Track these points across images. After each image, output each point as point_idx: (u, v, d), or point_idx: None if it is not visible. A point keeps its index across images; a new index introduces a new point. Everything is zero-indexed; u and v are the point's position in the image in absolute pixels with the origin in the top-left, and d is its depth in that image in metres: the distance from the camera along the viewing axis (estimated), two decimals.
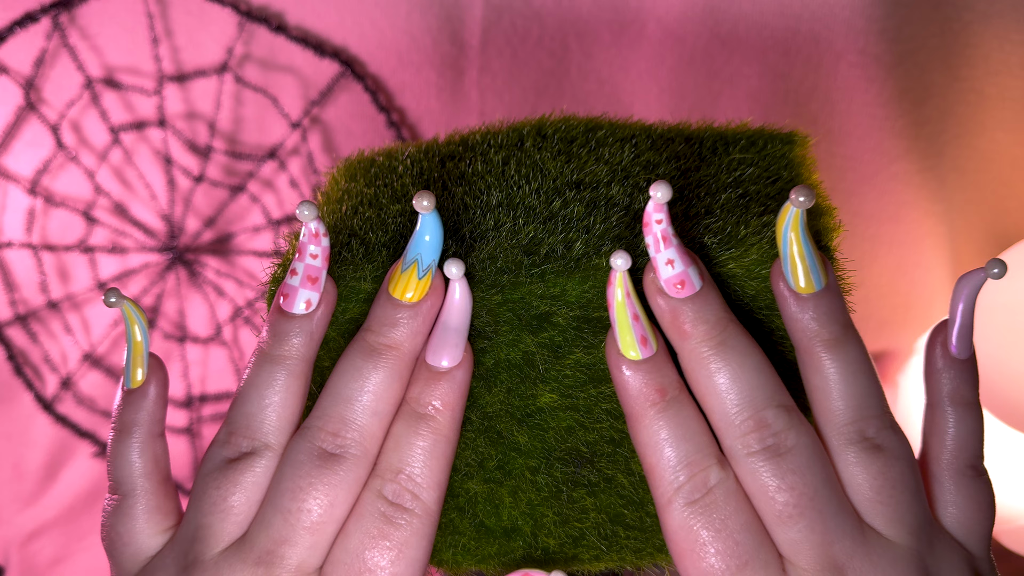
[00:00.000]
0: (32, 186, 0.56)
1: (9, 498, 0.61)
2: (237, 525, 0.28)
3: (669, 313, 0.28)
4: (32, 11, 0.52)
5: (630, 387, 0.29)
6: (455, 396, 0.29)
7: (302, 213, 0.28)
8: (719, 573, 0.27)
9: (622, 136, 0.35)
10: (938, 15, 0.52)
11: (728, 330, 0.28)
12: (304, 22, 0.53)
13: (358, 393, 0.28)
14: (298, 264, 0.29)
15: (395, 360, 0.29)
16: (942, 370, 0.30)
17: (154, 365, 0.31)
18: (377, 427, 0.29)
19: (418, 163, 0.35)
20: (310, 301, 0.29)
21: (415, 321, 0.29)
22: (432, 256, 0.29)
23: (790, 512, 0.27)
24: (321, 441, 0.28)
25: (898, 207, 0.56)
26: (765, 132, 0.35)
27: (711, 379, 0.28)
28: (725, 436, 0.28)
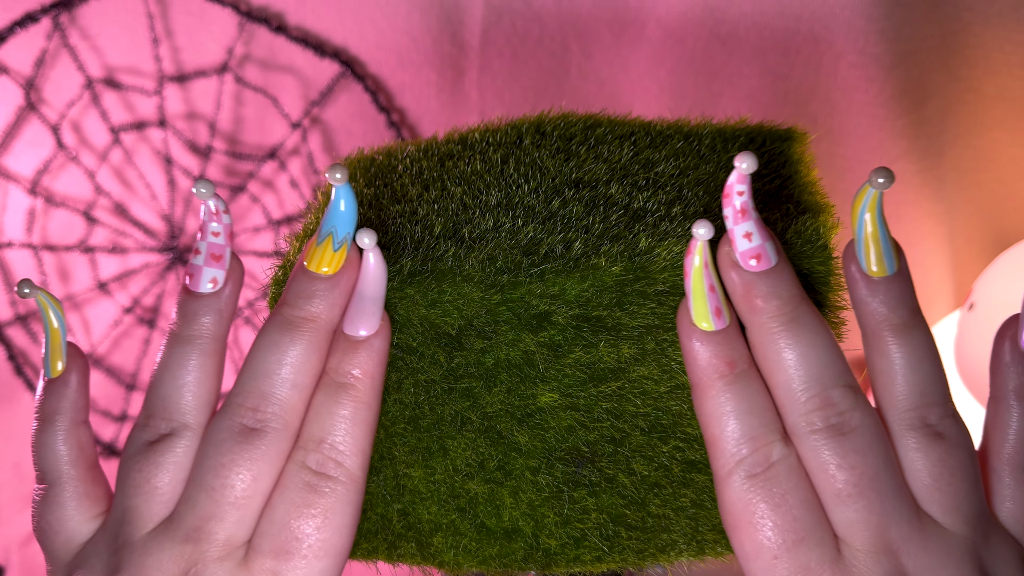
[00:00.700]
0: (32, 186, 0.56)
1: (10, 498, 0.61)
2: (163, 505, 0.29)
3: (742, 287, 0.28)
4: (32, 11, 0.52)
5: (700, 358, 0.29)
6: (374, 364, 0.29)
7: (199, 191, 0.28)
8: (774, 547, 0.27)
9: (621, 133, 0.35)
10: (938, 15, 0.52)
11: (800, 307, 0.28)
12: (304, 22, 0.53)
13: (276, 367, 0.29)
14: (201, 243, 0.29)
15: (313, 332, 0.29)
16: (1009, 364, 0.29)
17: (73, 353, 0.31)
18: (297, 400, 0.29)
19: (417, 162, 0.35)
20: (216, 279, 0.29)
21: (332, 293, 0.29)
22: (347, 229, 0.29)
23: (849, 492, 0.27)
24: (241, 417, 0.28)
25: (898, 207, 0.56)
26: (764, 129, 0.35)
27: (780, 355, 0.28)
28: (789, 413, 0.28)
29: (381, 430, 0.32)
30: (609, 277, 0.29)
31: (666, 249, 0.29)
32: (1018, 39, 0.53)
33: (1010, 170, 0.56)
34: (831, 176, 0.56)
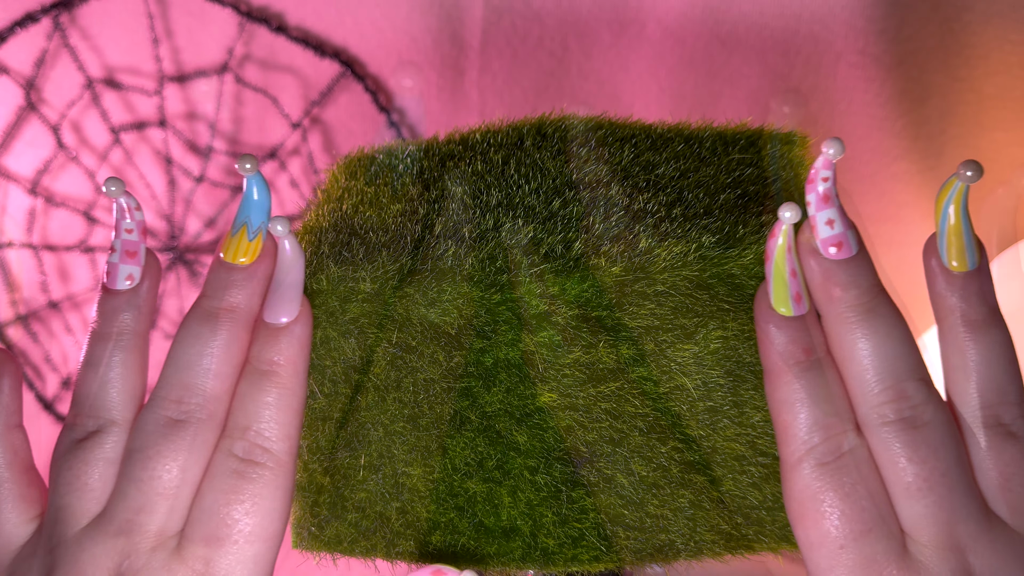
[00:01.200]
0: (33, 186, 0.56)
1: None
2: (95, 502, 0.29)
3: (821, 274, 0.28)
4: (33, 11, 0.52)
5: (776, 343, 0.28)
6: (295, 350, 0.29)
7: (109, 190, 0.29)
8: (839, 537, 0.27)
9: (622, 136, 0.35)
10: (938, 15, 0.52)
11: (878, 298, 0.28)
12: (304, 22, 0.53)
13: (198, 358, 0.29)
14: (115, 241, 0.30)
15: (233, 322, 0.29)
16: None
17: (3, 359, 0.31)
18: (220, 390, 0.29)
19: (418, 162, 0.35)
20: (132, 275, 0.30)
21: (250, 283, 0.29)
22: (261, 218, 0.29)
23: (919, 486, 0.27)
24: (166, 409, 0.29)
25: (898, 207, 0.56)
26: (764, 132, 0.35)
27: (855, 345, 0.28)
28: (862, 404, 0.28)
29: (380, 428, 0.32)
30: (609, 277, 0.29)
31: (666, 250, 0.29)
32: (1018, 39, 0.53)
33: (1010, 170, 0.56)
34: None
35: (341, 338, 0.31)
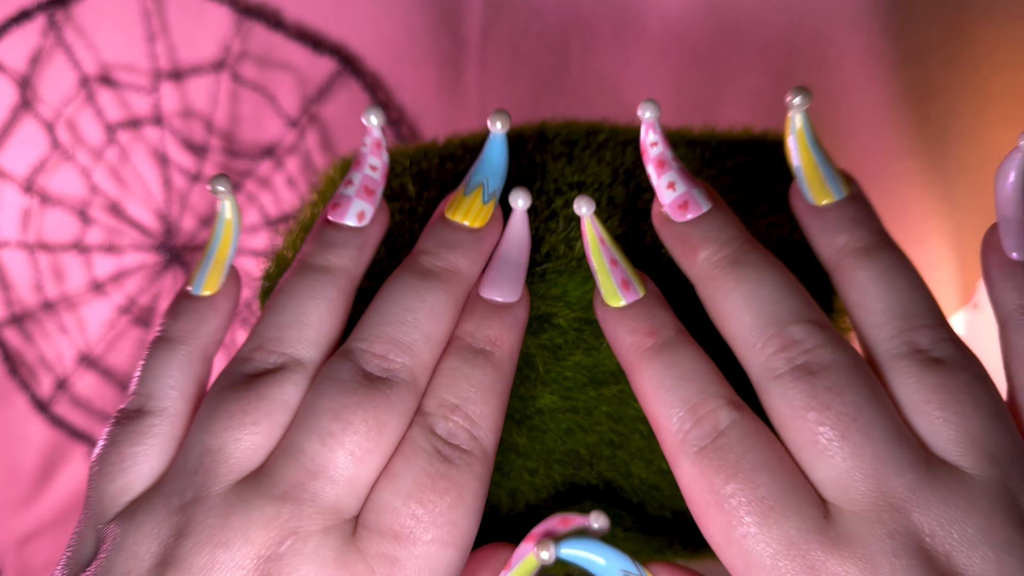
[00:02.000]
0: (27, 185, 0.55)
1: (5, 500, 0.60)
2: (255, 452, 0.23)
3: (678, 240, 0.26)
4: (27, 8, 0.51)
5: (620, 337, 0.26)
6: (514, 335, 0.26)
7: (369, 120, 0.26)
8: (742, 525, 0.22)
9: (624, 139, 0.35)
10: (943, 12, 0.52)
11: (743, 247, 0.25)
12: (302, 19, 0.53)
13: (412, 313, 0.25)
14: (355, 174, 0.27)
15: (453, 284, 0.26)
16: (1002, 280, 0.25)
17: (233, 278, 0.27)
18: (429, 355, 0.25)
19: (416, 163, 0.34)
20: (363, 213, 0.26)
21: (476, 247, 0.26)
22: (497, 183, 0.27)
23: (829, 437, 0.22)
24: (366, 363, 0.24)
25: (903, 205, 0.56)
26: (768, 137, 0.35)
27: (726, 299, 0.24)
28: (749, 364, 0.24)
29: None
30: None
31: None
32: (1023, 36, 0.52)
33: None
34: None
35: None
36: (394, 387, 0.24)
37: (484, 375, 0.25)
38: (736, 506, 0.22)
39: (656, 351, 0.25)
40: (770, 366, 0.23)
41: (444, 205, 0.27)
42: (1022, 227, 0.25)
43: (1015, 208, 0.25)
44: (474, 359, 0.25)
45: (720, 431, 0.23)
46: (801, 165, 0.25)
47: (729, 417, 0.24)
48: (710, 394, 0.24)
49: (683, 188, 0.26)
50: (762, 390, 0.24)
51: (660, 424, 0.24)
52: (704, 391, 0.24)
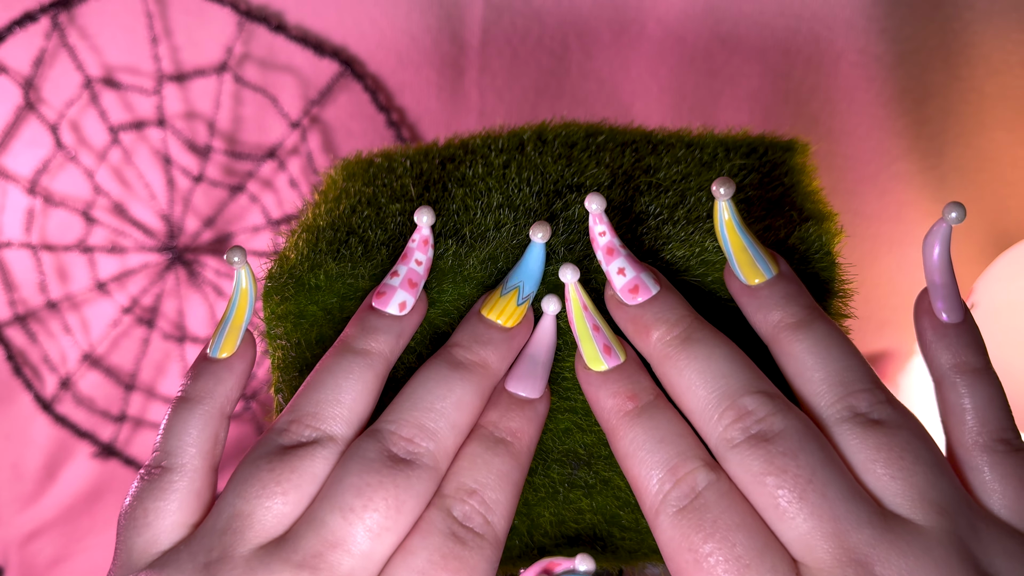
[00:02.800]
0: (31, 186, 0.56)
1: (8, 498, 0.61)
2: (282, 519, 0.25)
3: (631, 321, 0.28)
4: (31, 10, 0.52)
5: (601, 401, 0.27)
6: (533, 429, 0.28)
7: (420, 218, 0.28)
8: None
9: (622, 141, 0.35)
10: (939, 14, 0.52)
11: (692, 326, 0.27)
12: (303, 21, 0.53)
13: (441, 402, 0.27)
14: (400, 267, 0.29)
15: (481, 377, 0.28)
16: (935, 342, 0.27)
17: (248, 341, 0.29)
18: (452, 443, 0.27)
19: (418, 164, 0.35)
20: (405, 304, 0.28)
21: (506, 345, 0.28)
22: (532, 288, 0.29)
23: (789, 500, 0.24)
24: (393, 444, 0.26)
25: (899, 207, 0.56)
26: (766, 139, 0.35)
27: (681, 376, 0.26)
28: (708, 435, 0.26)
29: None
30: None
31: (668, 253, 0.29)
32: (1019, 38, 0.52)
33: (1011, 170, 0.56)
34: (832, 176, 0.56)
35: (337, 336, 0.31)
36: (416, 470, 0.26)
37: (503, 464, 0.27)
38: (714, 564, 0.24)
39: (636, 415, 0.27)
40: (727, 436, 0.25)
41: (481, 303, 0.29)
42: (950, 292, 0.27)
43: (942, 275, 0.27)
44: (495, 448, 0.27)
45: (698, 492, 0.25)
46: (731, 249, 0.27)
47: (706, 479, 0.25)
48: (688, 456, 0.26)
49: (632, 273, 0.28)
50: (722, 459, 0.25)
51: (640, 485, 0.26)
52: (682, 454, 0.26)
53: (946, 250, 0.27)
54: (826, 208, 0.32)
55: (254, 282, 0.28)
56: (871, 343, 0.60)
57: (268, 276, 0.31)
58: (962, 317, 0.27)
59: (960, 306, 0.27)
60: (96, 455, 0.61)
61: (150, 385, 0.61)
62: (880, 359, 0.60)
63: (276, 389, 0.32)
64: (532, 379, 0.29)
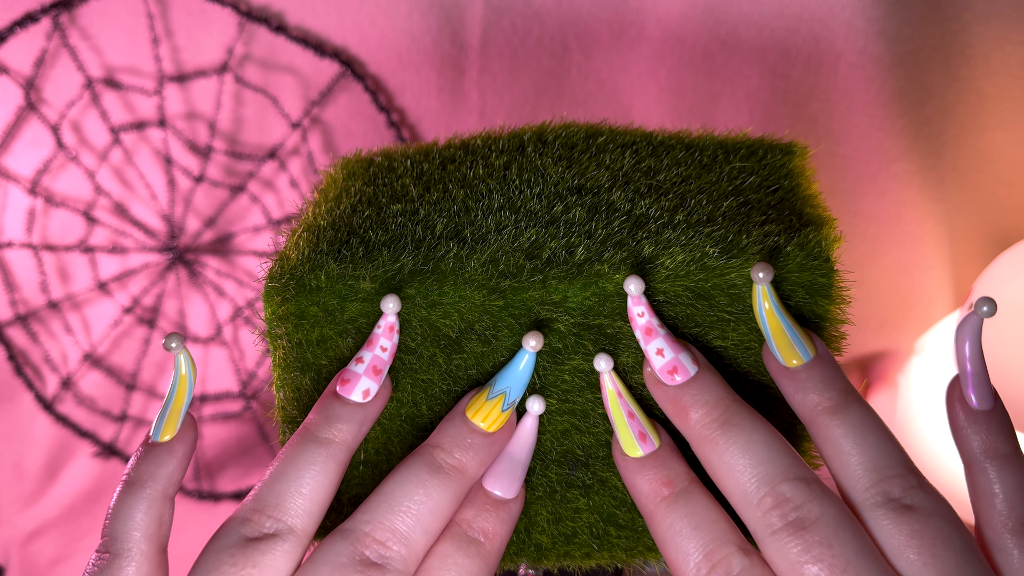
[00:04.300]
0: (32, 186, 0.56)
1: (9, 498, 0.61)
2: None
3: (670, 402, 0.29)
4: (32, 11, 0.52)
5: (639, 486, 0.29)
6: (506, 529, 0.29)
7: (386, 306, 0.29)
8: None
9: (623, 142, 0.35)
10: (937, 15, 0.52)
11: (731, 409, 0.28)
12: (304, 22, 0.53)
13: (417, 506, 0.28)
14: (366, 353, 0.29)
15: (459, 482, 0.29)
16: (966, 426, 0.28)
17: (188, 424, 0.30)
18: (423, 546, 0.28)
19: (418, 164, 0.35)
20: (368, 391, 0.29)
21: (487, 450, 0.29)
22: (518, 394, 0.30)
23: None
24: (365, 547, 0.27)
25: (898, 207, 0.56)
26: (765, 142, 0.35)
27: (721, 460, 0.27)
28: (747, 518, 0.27)
29: (378, 426, 0.32)
30: (611, 285, 0.29)
31: (669, 257, 0.29)
32: (1018, 39, 0.53)
33: (1010, 170, 0.56)
34: (831, 176, 0.56)
35: (339, 337, 0.31)
36: (387, 574, 0.27)
37: (473, 565, 0.28)
38: None
39: (672, 500, 0.28)
40: (766, 522, 0.26)
41: (466, 402, 0.30)
42: (981, 380, 0.28)
43: (975, 365, 0.28)
44: (467, 548, 0.28)
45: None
46: (770, 332, 0.28)
47: (741, 563, 0.26)
48: (723, 541, 0.27)
49: (671, 354, 0.29)
50: (761, 544, 0.27)
51: (677, 568, 0.27)
52: (718, 539, 0.27)
53: (978, 342, 0.28)
54: (825, 213, 0.32)
55: (193, 368, 0.29)
56: (871, 343, 0.60)
57: (269, 276, 0.31)
58: (992, 404, 0.28)
59: (990, 393, 0.28)
60: (97, 455, 0.61)
61: (151, 385, 0.61)
62: (879, 359, 0.61)
63: (277, 387, 0.32)
64: (510, 479, 0.30)
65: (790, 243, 0.29)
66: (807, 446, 0.32)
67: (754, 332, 0.30)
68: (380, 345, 0.29)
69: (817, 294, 0.30)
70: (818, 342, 0.29)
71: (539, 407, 0.30)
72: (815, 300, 0.30)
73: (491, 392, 0.29)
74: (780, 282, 0.29)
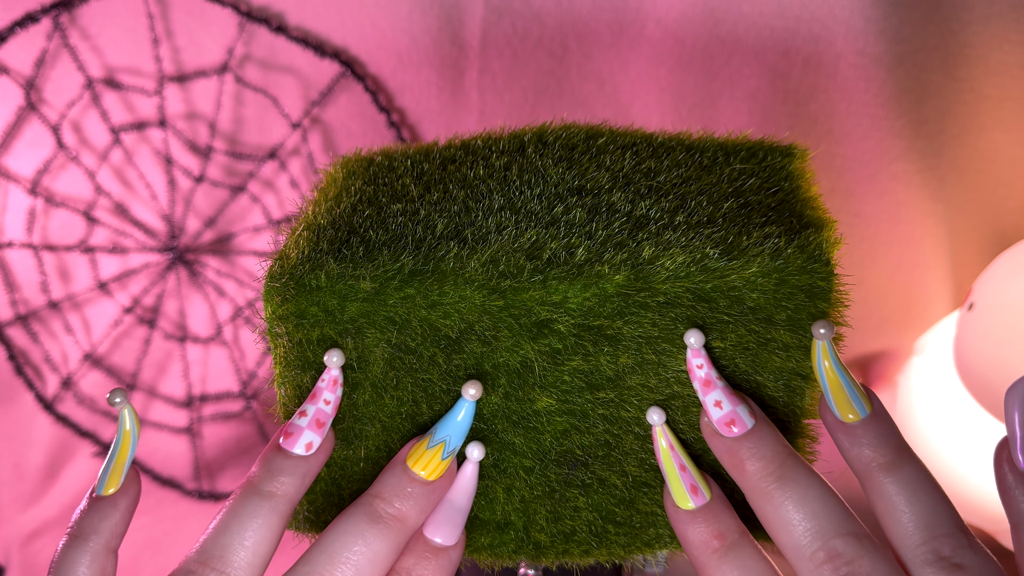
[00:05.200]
0: (33, 186, 0.56)
1: (10, 498, 0.61)
2: None
3: (727, 452, 0.29)
4: (33, 11, 0.52)
5: (690, 537, 0.29)
6: (446, 575, 0.30)
7: (330, 359, 0.29)
8: None
9: (623, 144, 0.35)
10: (937, 15, 0.52)
11: (787, 463, 0.29)
12: (304, 23, 0.53)
13: (356, 556, 0.29)
14: (309, 406, 0.30)
15: (398, 531, 0.29)
16: (1014, 487, 0.28)
17: (132, 477, 0.30)
18: None
19: (418, 164, 0.35)
20: (311, 444, 0.30)
21: (427, 498, 0.30)
22: (458, 442, 0.30)
23: None
24: None
25: (897, 207, 0.56)
26: (765, 144, 0.35)
27: (776, 513, 0.28)
28: (800, 570, 0.28)
29: (378, 423, 0.32)
30: (612, 286, 0.29)
31: (669, 259, 0.29)
32: (1017, 39, 0.53)
33: (1010, 170, 0.56)
34: (831, 176, 0.56)
35: (339, 337, 0.31)
36: None
37: None
38: None
39: (724, 553, 0.29)
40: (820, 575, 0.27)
41: (407, 451, 0.30)
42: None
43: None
44: None
45: None
46: (829, 387, 0.29)
47: None
48: None
49: (729, 407, 0.29)
50: None
51: None
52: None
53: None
54: (825, 215, 0.32)
55: (137, 423, 0.30)
56: (870, 343, 0.60)
57: (269, 276, 0.31)
58: None
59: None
60: (97, 455, 0.61)
61: (151, 385, 0.61)
62: (879, 359, 0.61)
63: (279, 384, 0.32)
64: (450, 526, 0.30)
65: (790, 245, 0.29)
66: (801, 443, 0.33)
67: (752, 333, 0.30)
68: (323, 399, 0.30)
69: (816, 297, 0.30)
70: (874, 398, 0.29)
71: (479, 454, 0.30)
72: (814, 303, 0.30)
73: (431, 441, 0.30)
74: (780, 284, 0.30)
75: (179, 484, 0.62)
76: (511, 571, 0.42)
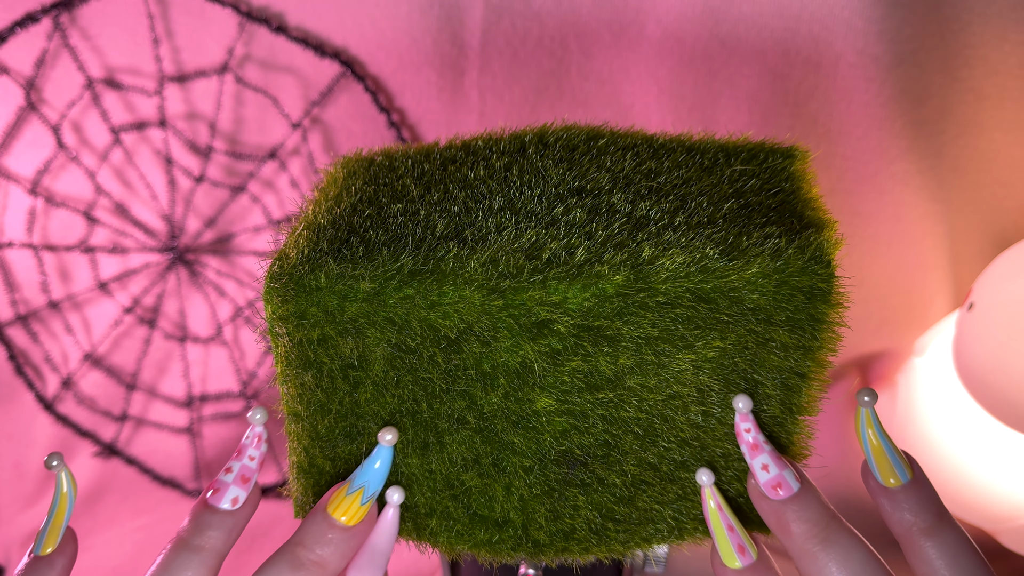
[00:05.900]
0: (33, 186, 0.56)
1: (10, 498, 0.61)
2: None
3: (773, 515, 0.30)
4: (33, 11, 0.52)
5: None
6: None
7: (254, 417, 0.31)
8: None
9: (623, 145, 0.35)
10: (937, 16, 0.52)
11: (831, 526, 0.30)
12: (304, 23, 0.53)
13: None
14: (234, 463, 0.31)
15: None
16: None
17: (68, 538, 0.31)
18: None
19: (419, 164, 0.35)
20: (237, 499, 0.31)
21: (347, 544, 0.31)
22: (376, 488, 0.31)
23: None
24: None
25: (897, 207, 0.56)
26: (766, 145, 0.35)
27: (820, 574, 0.29)
28: None
29: (379, 421, 0.32)
30: (611, 287, 0.29)
31: (669, 259, 0.29)
32: (1017, 39, 0.53)
33: (1009, 170, 0.56)
34: (831, 176, 0.56)
35: (339, 337, 0.31)
36: None
37: None
38: None
39: None
40: None
41: (327, 498, 0.31)
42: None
43: None
44: None
45: None
46: (872, 453, 0.30)
47: None
48: None
49: (776, 471, 0.30)
50: None
51: None
52: None
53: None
54: (826, 216, 0.32)
55: (74, 485, 0.31)
56: (870, 343, 0.60)
57: (269, 276, 0.31)
58: None
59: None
60: (98, 455, 0.61)
61: (151, 385, 0.61)
62: (879, 359, 0.61)
63: (281, 382, 0.32)
64: (371, 568, 0.31)
65: (791, 246, 0.29)
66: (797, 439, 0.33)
67: (752, 333, 0.30)
68: (248, 455, 0.31)
69: (816, 298, 0.30)
70: (915, 464, 0.30)
71: (398, 498, 0.31)
72: (814, 304, 0.30)
73: (350, 488, 0.31)
74: (780, 285, 0.30)
75: (179, 484, 0.62)
76: (511, 568, 0.42)
